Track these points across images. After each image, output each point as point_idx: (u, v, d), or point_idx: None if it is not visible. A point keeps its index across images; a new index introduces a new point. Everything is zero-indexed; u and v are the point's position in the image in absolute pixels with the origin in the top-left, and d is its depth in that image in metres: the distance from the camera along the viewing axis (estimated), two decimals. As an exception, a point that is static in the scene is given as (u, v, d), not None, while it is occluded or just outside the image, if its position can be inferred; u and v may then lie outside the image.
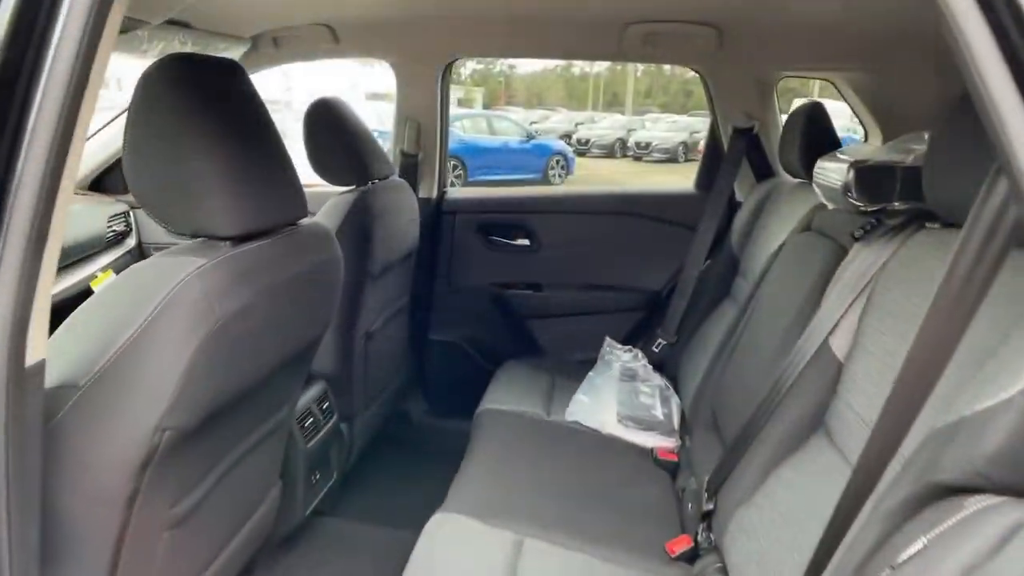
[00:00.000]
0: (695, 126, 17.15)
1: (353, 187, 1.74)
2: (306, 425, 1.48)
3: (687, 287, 2.09)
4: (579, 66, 35.03)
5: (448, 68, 2.14)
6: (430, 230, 2.21)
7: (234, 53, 1.89)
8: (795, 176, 1.80)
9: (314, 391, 1.57)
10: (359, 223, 1.64)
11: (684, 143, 16.18)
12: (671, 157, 16.05)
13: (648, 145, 16.53)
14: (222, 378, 0.87)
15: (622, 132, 17.80)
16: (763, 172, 2.11)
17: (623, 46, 1.93)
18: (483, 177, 10.68)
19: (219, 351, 0.83)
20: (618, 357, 2.00)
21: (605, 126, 18.82)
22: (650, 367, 1.97)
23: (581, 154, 15.46)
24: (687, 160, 15.78)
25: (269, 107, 1.03)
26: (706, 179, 2.25)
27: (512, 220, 2.28)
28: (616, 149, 17.25)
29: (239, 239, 0.90)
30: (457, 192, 2.31)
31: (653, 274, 2.26)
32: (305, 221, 1.10)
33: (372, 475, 2.04)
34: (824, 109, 1.72)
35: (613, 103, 32.07)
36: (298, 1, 1.79)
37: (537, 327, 2.30)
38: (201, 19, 1.65)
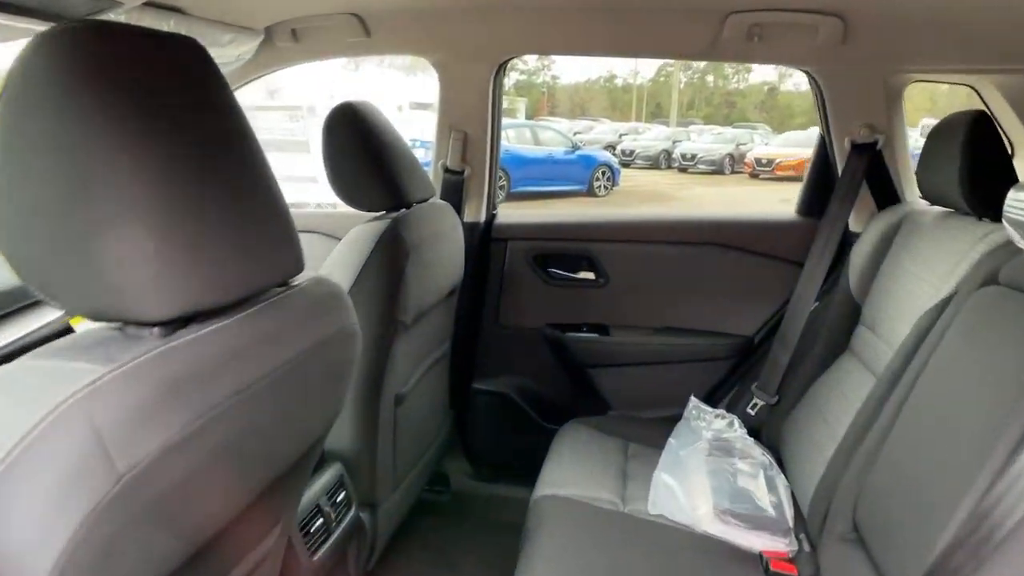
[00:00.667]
0: (741, 138, 16.96)
1: (383, 213, 1.39)
2: (313, 530, 1.12)
3: (791, 334, 1.68)
4: (622, 76, 34.67)
5: (502, 68, 1.78)
6: (476, 259, 1.86)
7: (244, 48, 1.57)
8: (939, 204, 1.40)
9: (326, 478, 1.22)
10: (389, 261, 1.29)
11: (730, 155, 15.99)
12: (717, 169, 15.87)
13: (694, 157, 16.35)
14: (132, 561, 0.51)
15: (667, 143, 17.64)
16: (887, 197, 1.69)
17: (720, 42, 1.55)
18: (526, 188, 10.38)
19: (124, 526, 0.48)
20: (708, 423, 1.60)
21: (650, 137, 18.58)
22: (749, 439, 1.57)
23: (625, 165, 15.19)
24: (733, 172, 15.49)
25: (289, 114, 0.70)
26: (812, 204, 1.84)
27: (574, 249, 1.90)
28: (661, 160, 17.08)
29: (177, 323, 0.55)
30: (509, 215, 1.95)
31: (744, 316, 1.85)
32: (303, 277, 0.75)
33: (403, 561, 1.68)
34: (991, 121, 1.31)
35: (657, 114, 31.55)
36: None
37: (603, 377, 1.91)
38: (198, 3, 1.33)
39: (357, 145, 1.34)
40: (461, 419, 1.95)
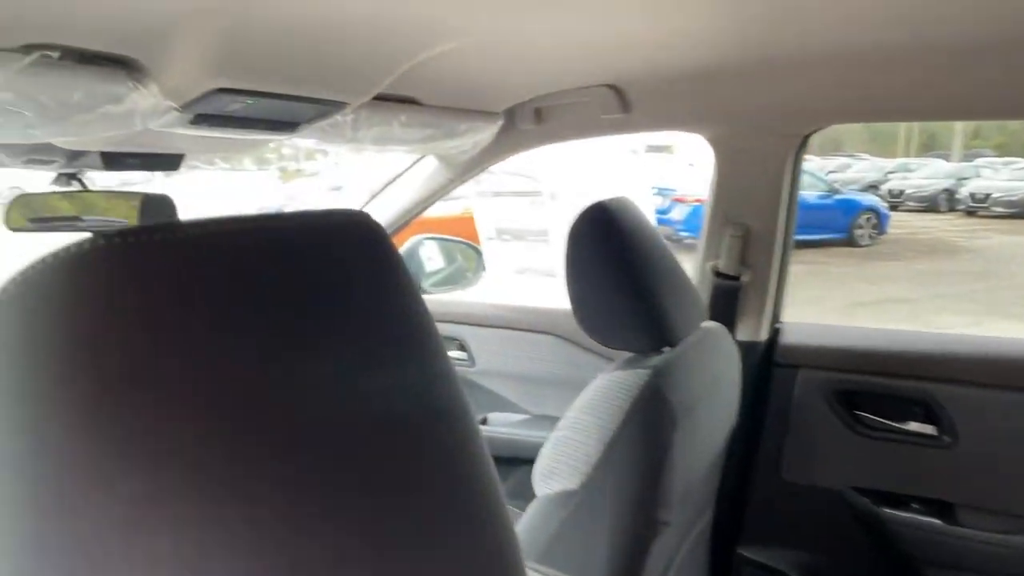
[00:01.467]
0: (1056, 173, 13.81)
1: (639, 354, 1.02)
2: None
3: None
4: (886, 105, 30.62)
5: (805, 141, 1.33)
6: (754, 390, 1.40)
7: (481, 134, 1.33)
8: None
9: None
10: (648, 435, 0.91)
11: (1042, 194, 13.04)
12: (1019, 211, 12.97)
13: (987, 196, 13.77)
14: None
15: (948, 181, 15.16)
16: None
17: None
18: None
19: None
20: None
21: (924, 175, 16.08)
22: None
23: (893, 208, 13.21)
24: (1046, 216, 12.65)
25: (519, 198, 0.39)
26: None
27: (902, 388, 1.33)
28: (941, 201, 14.65)
29: None
30: (800, 331, 1.45)
31: None
32: None
33: None
34: None
35: (930, 146, 27.25)
36: (574, 55, 1.16)
37: (943, 582, 1.30)
38: (436, 91, 1.11)
39: (608, 266, 0.99)
40: (720, 594, 1.47)
